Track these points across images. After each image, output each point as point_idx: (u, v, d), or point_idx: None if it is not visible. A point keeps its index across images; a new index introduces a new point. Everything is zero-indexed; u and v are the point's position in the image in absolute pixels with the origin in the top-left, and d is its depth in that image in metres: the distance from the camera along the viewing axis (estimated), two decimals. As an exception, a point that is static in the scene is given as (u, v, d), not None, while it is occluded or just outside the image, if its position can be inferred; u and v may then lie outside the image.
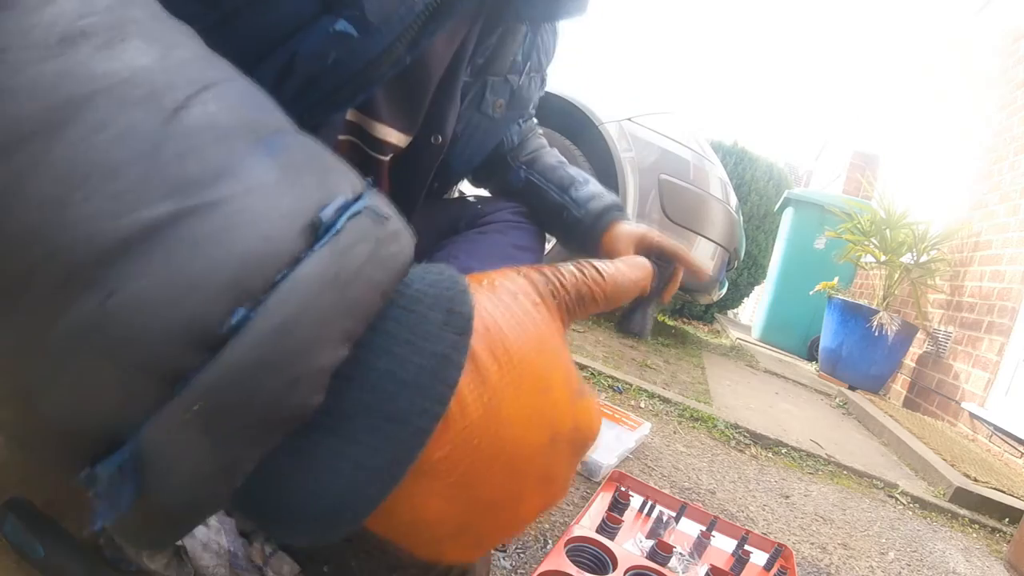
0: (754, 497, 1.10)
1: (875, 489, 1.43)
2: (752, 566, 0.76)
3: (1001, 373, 2.64)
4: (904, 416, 2.41)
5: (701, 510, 0.85)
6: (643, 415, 1.37)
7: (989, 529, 1.39)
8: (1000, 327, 2.73)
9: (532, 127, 0.94)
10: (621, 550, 0.66)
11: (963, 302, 3.14)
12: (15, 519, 0.44)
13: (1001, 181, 3.15)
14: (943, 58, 4.69)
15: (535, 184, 0.87)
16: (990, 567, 1.16)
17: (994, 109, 3.43)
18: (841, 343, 3.14)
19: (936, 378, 3.16)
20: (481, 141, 0.77)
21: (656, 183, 2.24)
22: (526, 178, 0.88)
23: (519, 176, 0.88)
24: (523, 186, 0.88)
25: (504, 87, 0.74)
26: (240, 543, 0.48)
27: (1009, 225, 2.94)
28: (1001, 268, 2.89)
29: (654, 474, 1.05)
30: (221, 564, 0.45)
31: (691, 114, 21.13)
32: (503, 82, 0.73)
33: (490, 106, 0.73)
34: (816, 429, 1.88)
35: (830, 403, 2.60)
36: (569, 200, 0.85)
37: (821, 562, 0.92)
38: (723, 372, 2.49)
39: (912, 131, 5.04)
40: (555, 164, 0.90)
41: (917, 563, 1.06)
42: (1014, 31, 3.39)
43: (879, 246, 3.23)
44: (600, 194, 0.86)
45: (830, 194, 4.66)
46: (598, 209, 0.84)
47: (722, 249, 2.55)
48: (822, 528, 1.07)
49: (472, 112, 0.72)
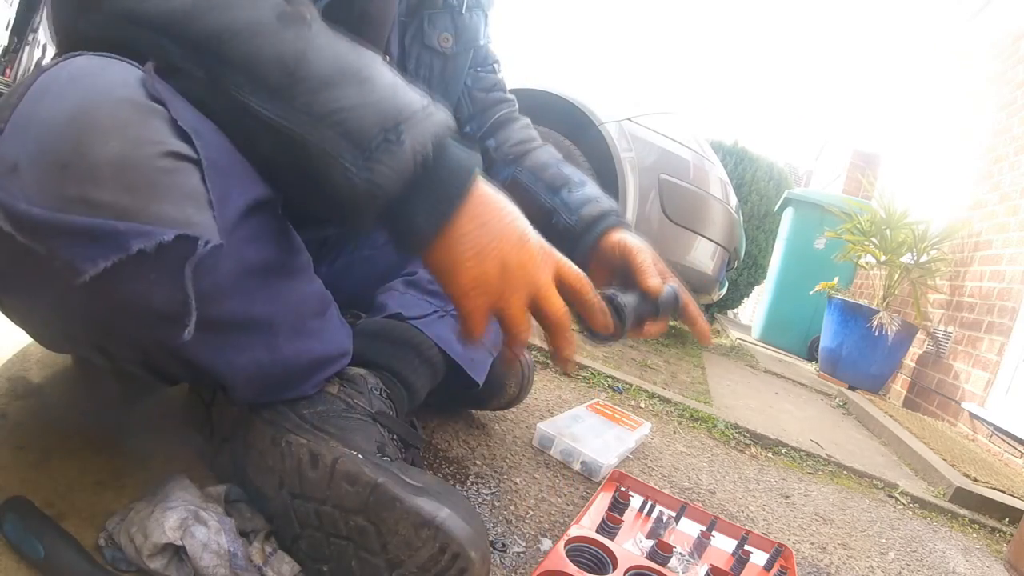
0: (754, 497, 1.10)
1: (875, 489, 1.43)
2: (752, 566, 0.76)
3: (1001, 373, 2.64)
4: (904, 416, 2.41)
5: (701, 510, 0.85)
6: (643, 415, 1.37)
7: (989, 529, 1.39)
8: (1000, 327, 2.73)
9: (513, 111, 0.89)
10: (621, 550, 0.66)
11: (963, 302, 3.14)
12: (15, 519, 0.44)
13: (1001, 181, 3.15)
14: (942, 59, 4.68)
15: (521, 183, 0.81)
16: (990, 567, 1.16)
17: (994, 109, 3.43)
18: (841, 343, 3.14)
19: (936, 378, 3.16)
20: (440, 83, 0.76)
21: (656, 183, 2.24)
22: (512, 175, 0.82)
23: (504, 172, 0.83)
24: (508, 184, 0.82)
25: (444, 18, 0.74)
26: (240, 543, 0.48)
27: (1009, 225, 2.94)
28: (1001, 268, 2.89)
29: (654, 474, 1.05)
30: (221, 564, 0.45)
31: (691, 114, 21.15)
32: (441, 14, 0.74)
33: (435, 39, 0.74)
34: (816, 429, 1.88)
35: (830, 403, 2.60)
36: (559, 203, 0.78)
37: (821, 562, 0.92)
38: (723, 372, 2.50)
39: (912, 131, 5.04)
40: (547, 161, 0.84)
41: (917, 563, 1.06)
42: (1014, 31, 3.39)
43: (879, 246, 3.23)
44: (596, 198, 0.79)
45: (830, 194, 4.66)
46: (591, 216, 0.76)
47: (722, 249, 2.55)
48: (822, 528, 1.07)
49: (419, 48, 0.73)
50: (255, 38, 0.43)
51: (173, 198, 0.37)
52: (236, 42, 0.43)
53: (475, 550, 0.47)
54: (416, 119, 0.45)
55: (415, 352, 0.69)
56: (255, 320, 0.47)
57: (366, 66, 0.46)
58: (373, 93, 0.45)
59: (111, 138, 0.36)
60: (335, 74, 0.44)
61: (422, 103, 0.47)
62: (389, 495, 0.48)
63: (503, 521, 0.73)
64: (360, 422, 0.56)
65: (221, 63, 0.43)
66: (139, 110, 0.37)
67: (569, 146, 2.21)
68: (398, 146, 0.44)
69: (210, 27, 0.42)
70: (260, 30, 0.43)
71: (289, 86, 0.43)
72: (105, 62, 0.39)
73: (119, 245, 0.35)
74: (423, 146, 0.45)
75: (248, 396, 0.54)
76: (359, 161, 0.43)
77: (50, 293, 0.38)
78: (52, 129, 0.36)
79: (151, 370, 0.51)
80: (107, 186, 0.35)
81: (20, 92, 0.38)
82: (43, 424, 0.60)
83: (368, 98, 0.44)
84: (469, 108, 0.86)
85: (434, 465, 0.80)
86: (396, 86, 0.47)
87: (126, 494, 0.53)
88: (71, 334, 0.47)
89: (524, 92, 2.23)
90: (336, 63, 0.45)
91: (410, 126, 0.45)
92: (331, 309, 0.58)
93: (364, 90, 0.45)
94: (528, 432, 1.02)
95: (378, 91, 0.45)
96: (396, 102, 0.45)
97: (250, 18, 0.43)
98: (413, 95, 0.47)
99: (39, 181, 0.35)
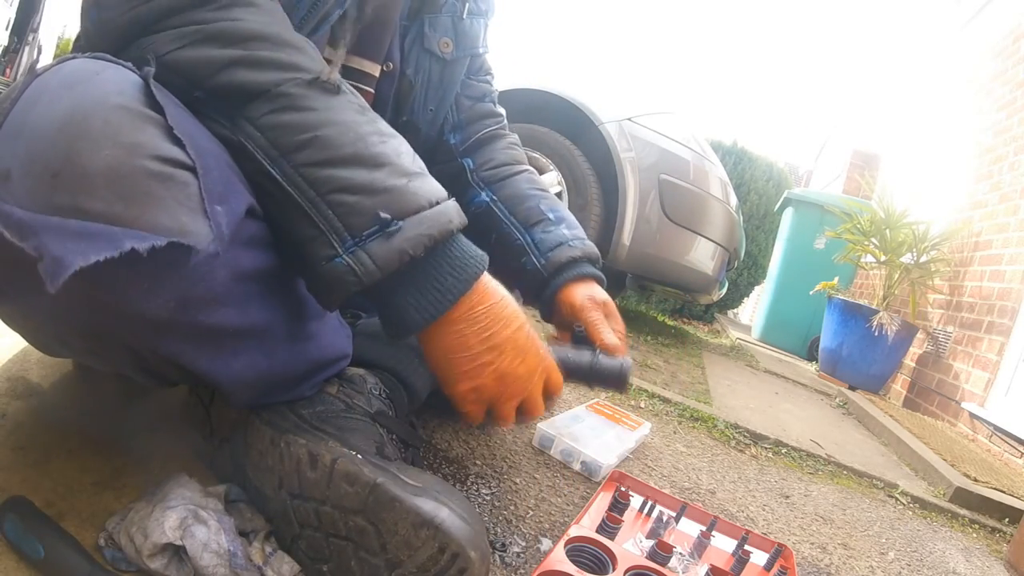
0: (754, 497, 1.10)
1: (875, 489, 1.43)
2: (752, 566, 0.76)
3: (1001, 373, 2.64)
4: (904, 416, 2.41)
5: (701, 510, 0.85)
6: (643, 415, 1.37)
7: (989, 529, 1.39)
8: (1000, 327, 2.73)
9: (500, 128, 0.87)
10: (621, 550, 0.66)
11: (963, 302, 3.14)
12: (15, 519, 0.44)
13: (1001, 181, 3.15)
14: (942, 59, 4.68)
15: (495, 215, 0.80)
16: (990, 567, 1.16)
17: (994, 109, 3.43)
18: (841, 343, 3.14)
19: (936, 378, 3.16)
20: (438, 88, 0.76)
21: (656, 183, 2.24)
22: (487, 203, 0.80)
23: (480, 198, 0.81)
24: (482, 211, 0.80)
25: (444, 24, 0.74)
26: (240, 543, 0.48)
27: (1009, 225, 2.94)
28: (1001, 268, 2.89)
29: (654, 474, 1.05)
30: (221, 564, 0.45)
31: (691, 114, 21.18)
32: (441, 19, 0.74)
33: (435, 44, 0.74)
34: (816, 429, 1.88)
35: (830, 403, 2.60)
36: (531, 243, 0.77)
37: (821, 562, 0.92)
38: (723, 372, 2.49)
39: (912, 131, 5.04)
40: (525, 193, 0.81)
41: (917, 563, 1.06)
42: (1014, 31, 3.39)
43: (879, 246, 3.23)
44: (568, 240, 0.77)
45: (830, 194, 4.66)
46: (559, 262, 0.76)
47: (722, 249, 2.55)
48: (822, 528, 1.07)
49: (419, 51, 0.73)
50: (280, 99, 0.44)
51: (167, 206, 0.36)
52: (260, 101, 0.44)
53: (475, 550, 0.47)
54: (421, 217, 0.46)
55: (415, 352, 0.69)
56: (252, 326, 0.47)
57: (384, 153, 0.46)
58: (383, 180, 0.45)
59: (104, 146, 0.35)
60: (350, 152, 0.45)
61: (429, 200, 0.47)
62: (388, 495, 0.48)
63: (503, 521, 0.73)
64: (359, 422, 0.56)
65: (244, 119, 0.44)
66: (133, 117, 0.36)
67: (569, 146, 2.21)
68: (387, 240, 0.44)
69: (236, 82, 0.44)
70: (289, 91, 0.44)
71: (299, 150, 0.44)
72: (100, 66, 0.39)
73: (110, 244, 0.34)
74: (415, 246, 0.45)
75: (246, 400, 0.54)
76: (346, 243, 0.44)
77: (44, 299, 0.38)
78: (44, 136, 0.35)
79: (147, 374, 0.51)
80: (99, 195, 0.34)
81: (13, 97, 0.37)
82: (43, 424, 0.60)
83: (375, 185, 0.45)
84: (455, 116, 0.83)
85: (434, 465, 0.80)
86: (411, 175, 0.47)
87: (126, 494, 0.53)
88: (66, 341, 0.47)
89: (524, 92, 2.23)
90: (355, 142, 0.45)
91: (412, 223, 0.45)
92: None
93: (375, 176, 0.45)
94: (528, 432, 1.02)
95: (389, 179, 0.45)
96: (403, 194, 0.46)
97: (280, 79, 0.44)
98: (426, 188, 0.47)
99: (30, 189, 0.34)
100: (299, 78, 0.45)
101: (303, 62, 0.46)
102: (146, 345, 0.44)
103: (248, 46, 0.44)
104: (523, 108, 2.20)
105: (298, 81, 0.45)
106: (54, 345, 0.50)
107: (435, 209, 0.47)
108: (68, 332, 0.44)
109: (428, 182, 0.48)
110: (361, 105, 0.48)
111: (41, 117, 0.35)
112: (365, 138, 0.46)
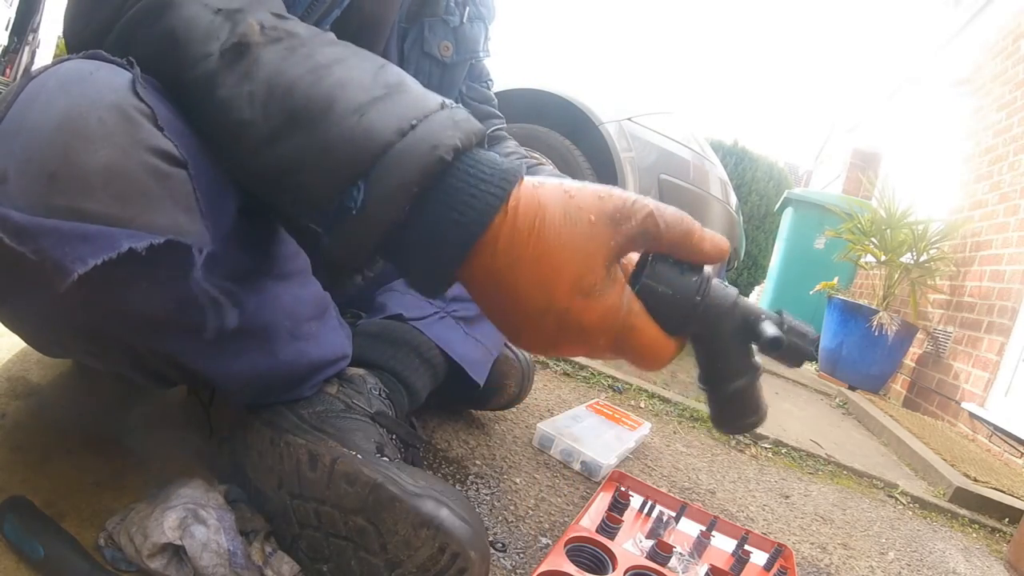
0: (754, 497, 1.10)
1: (875, 489, 1.43)
2: (752, 566, 0.76)
3: (1001, 373, 2.64)
4: (904, 416, 2.41)
5: (701, 510, 0.85)
6: (643, 415, 1.37)
7: (989, 529, 1.39)
8: (1000, 327, 2.73)
9: (500, 130, 0.87)
10: (621, 550, 0.66)
11: (963, 302, 3.14)
12: (15, 519, 0.44)
13: (1001, 181, 3.15)
14: (942, 59, 4.68)
15: None
16: (990, 567, 1.16)
17: (994, 109, 3.43)
18: (841, 343, 3.14)
19: (936, 378, 3.16)
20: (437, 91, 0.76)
21: (656, 183, 2.24)
22: None
23: None
24: None
25: (444, 28, 0.74)
26: (240, 542, 0.48)
27: (1009, 225, 2.94)
28: (1001, 268, 2.89)
29: (654, 474, 1.05)
30: (221, 564, 0.45)
31: (691, 114, 21.14)
32: (441, 22, 0.74)
33: (435, 48, 0.73)
34: (816, 429, 1.88)
35: (830, 403, 2.60)
36: None
37: (821, 562, 0.92)
38: (723, 372, 2.49)
39: (912, 131, 5.04)
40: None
41: (917, 563, 1.06)
42: (1014, 30, 3.39)
43: (879, 246, 3.23)
44: None
45: (830, 194, 4.66)
46: None
47: (722, 249, 2.54)
48: (822, 528, 1.07)
49: (418, 55, 0.73)
50: (200, 82, 0.39)
51: (164, 206, 0.36)
52: (190, 88, 0.40)
53: (475, 550, 0.47)
54: (389, 161, 0.36)
55: (415, 353, 0.69)
56: (250, 326, 0.47)
57: (318, 96, 0.37)
58: (325, 137, 0.37)
59: (100, 146, 0.34)
60: (286, 117, 0.37)
61: (400, 127, 0.36)
62: (388, 495, 0.48)
63: (503, 521, 0.73)
64: (359, 422, 0.56)
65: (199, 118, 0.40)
66: (128, 116, 0.36)
67: (569, 146, 2.21)
68: (360, 213, 0.36)
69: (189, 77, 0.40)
70: (207, 70, 0.39)
71: (235, 140, 0.39)
72: (94, 66, 0.38)
73: (109, 245, 0.34)
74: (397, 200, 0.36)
75: (246, 400, 0.54)
76: (324, 227, 0.38)
77: (42, 301, 0.38)
78: (40, 138, 0.34)
79: (147, 374, 0.51)
80: (96, 196, 0.34)
81: (9, 99, 0.37)
82: (43, 424, 0.60)
83: (315, 148, 0.37)
84: None
85: (434, 465, 0.80)
86: (363, 108, 0.37)
87: (126, 494, 0.53)
88: (64, 342, 0.47)
89: (524, 92, 2.23)
90: (287, 98, 0.37)
91: (378, 178, 0.36)
92: (329, 311, 0.58)
93: (314, 136, 0.37)
94: (528, 432, 1.02)
95: (332, 131, 0.37)
96: (354, 147, 0.36)
97: (198, 61, 0.39)
98: (389, 113, 0.37)
99: (27, 191, 0.34)
100: (214, 48, 0.39)
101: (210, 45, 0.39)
102: (145, 345, 0.44)
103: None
104: (523, 108, 2.20)
105: (213, 53, 0.39)
106: (53, 346, 0.50)
107: (406, 141, 0.36)
108: (66, 333, 0.44)
109: (392, 103, 0.38)
110: (288, 48, 0.39)
111: (37, 118, 0.35)
112: (292, 88, 0.37)
